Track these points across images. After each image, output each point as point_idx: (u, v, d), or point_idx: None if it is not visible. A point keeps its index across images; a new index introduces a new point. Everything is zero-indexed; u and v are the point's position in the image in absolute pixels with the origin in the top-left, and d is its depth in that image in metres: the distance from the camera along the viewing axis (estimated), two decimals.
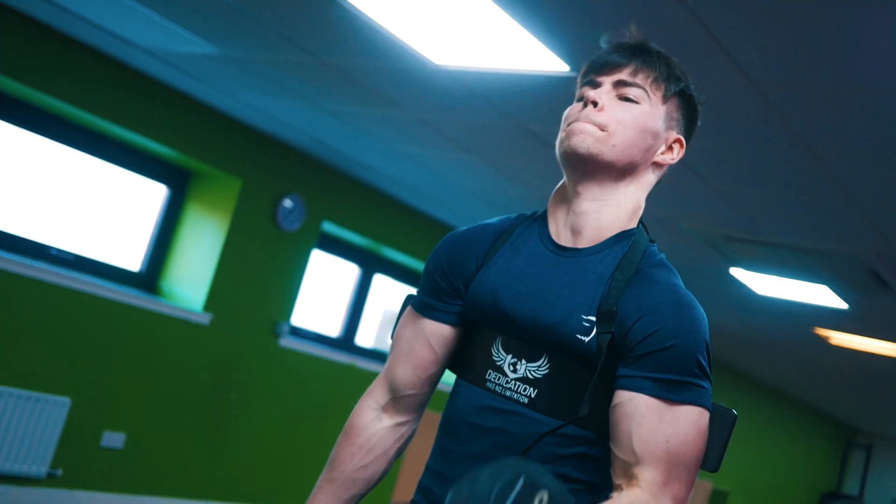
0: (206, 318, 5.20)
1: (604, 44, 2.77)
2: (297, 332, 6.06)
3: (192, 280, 5.26)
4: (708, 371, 1.40)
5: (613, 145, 1.45)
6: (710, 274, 5.91)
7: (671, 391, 1.36)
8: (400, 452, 1.64)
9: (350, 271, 6.56)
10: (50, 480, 4.54)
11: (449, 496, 1.19)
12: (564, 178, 1.54)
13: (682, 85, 1.53)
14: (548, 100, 3.45)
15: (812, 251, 4.67)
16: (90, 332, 4.68)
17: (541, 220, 1.59)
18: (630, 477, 1.35)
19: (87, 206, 5.02)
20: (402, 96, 3.93)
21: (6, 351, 4.38)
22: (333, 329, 6.47)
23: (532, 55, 3.05)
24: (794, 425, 13.00)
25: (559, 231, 1.53)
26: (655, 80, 1.49)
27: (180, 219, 5.39)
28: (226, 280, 5.28)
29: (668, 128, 1.53)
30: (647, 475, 1.33)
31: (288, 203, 5.55)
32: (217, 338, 5.30)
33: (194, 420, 5.27)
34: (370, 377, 6.66)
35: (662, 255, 1.52)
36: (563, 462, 1.42)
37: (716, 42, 2.63)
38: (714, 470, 1.43)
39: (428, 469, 1.58)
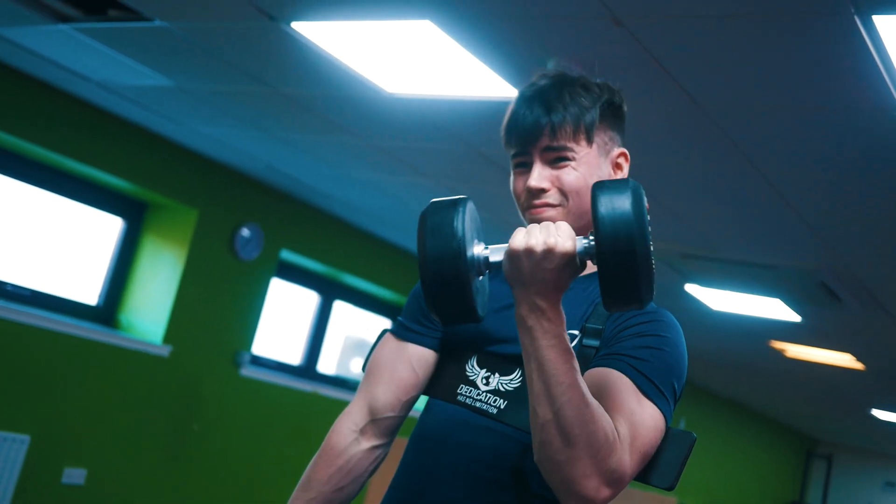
0: (165, 350, 5.18)
1: (550, 66, 2.82)
2: (258, 361, 6.05)
3: (150, 312, 5.23)
4: (676, 397, 1.44)
5: (573, 213, 1.50)
6: (666, 291, 5.98)
7: (643, 383, 1.38)
8: (370, 476, 1.65)
9: (310, 299, 6.56)
10: None
11: None
12: None
13: (599, 108, 1.55)
14: (498, 124, 3.49)
15: (764, 266, 4.76)
16: (48, 367, 4.64)
17: None
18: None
19: (43, 240, 4.98)
20: (357, 124, 3.97)
21: None
22: (295, 357, 6.46)
23: (482, 81, 3.10)
24: (756, 438, 13.13)
25: None
26: (575, 132, 1.52)
27: (137, 251, 5.37)
28: (185, 311, 5.26)
29: (607, 153, 1.57)
30: (619, 423, 1.33)
31: (245, 232, 5.56)
32: (177, 369, 5.28)
33: (156, 453, 5.23)
34: (333, 404, 6.67)
35: None
36: (533, 475, 1.43)
37: (658, 64, 2.70)
38: (670, 488, 1.43)
39: (392, 487, 1.59)
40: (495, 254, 1.32)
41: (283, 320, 6.34)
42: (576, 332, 1.46)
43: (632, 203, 1.21)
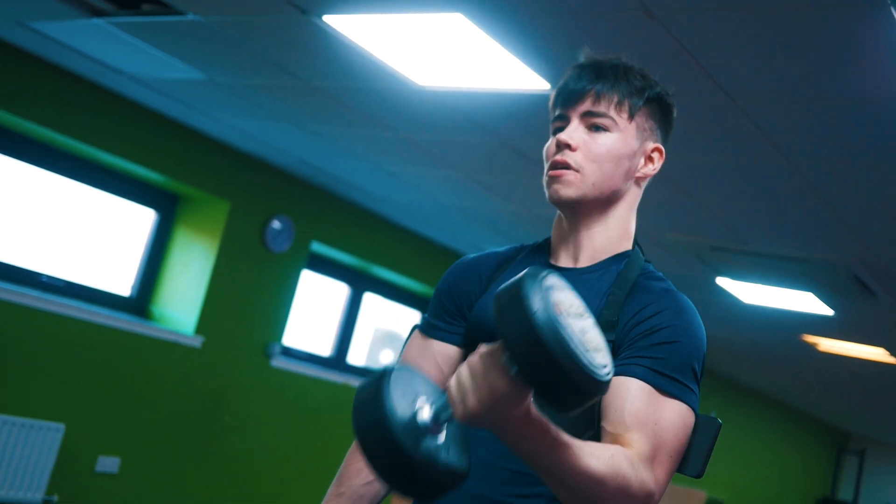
0: (197, 341, 5.22)
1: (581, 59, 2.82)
2: (289, 353, 6.09)
3: (182, 303, 5.28)
4: (698, 378, 1.44)
5: (592, 184, 1.52)
6: (697, 284, 5.96)
7: (664, 383, 1.39)
8: None
9: (340, 290, 6.59)
10: None
11: None
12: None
13: (647, 94, 1.56)
14: (530, 117, 3.50)
15: (796, 259, 4.73)
16: (82, 357, 4.70)
17: (544, 247, 1.65)
18: (618, 441, 1.36)
19: (77, 232, 5.04)
20: (388, 117, 3.98)
21: None
22: (325, 348, 6.49)
23: (513, 74, 3.10)
24: (787, 432, 13.04)
25: (559, 256, 1.60)
26: (619, 103, 1.53)
27: (169, 243, 5.42)
28: (216, 302, 5.30)
29: (643, 140, 1.57)
30: (637, 442, 1.35)
31: (276, 224, 5.59)
32: (209, 360, 5.33)
33: (188, 442, 5.28)
34: None
35: (660, 273, 1.58)
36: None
37: (692, 57, 2.68)
38: (699, 475, 1.46)
39: None
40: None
41: (313, 312, 6.37)
42: None
43: (531, 306, 1.05)
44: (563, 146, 1.52)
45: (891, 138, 2.99)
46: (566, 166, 1.52)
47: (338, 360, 6.52)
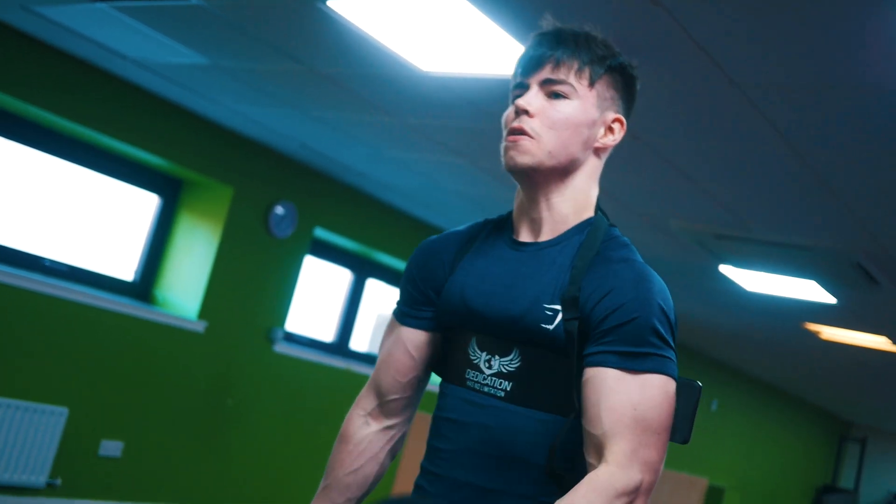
0: (200, 326, 5.23)
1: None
2: (292, 338, 6.10)
3: (186, 288, 5.29)
4: (670, 341, 1.43)
5: (549, 151, 1.49)
6: (700, 271, 5.96)
7: (635, 362, 1.39)
8: (394, 453, 1.69)
9: (343, 276, 6.60)
10: (49, 490, 4.57)
11: None
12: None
13: (609, 63, 1.53)
14: None
15: (799, 247, 4.72)
16: (86, 342, 4.71)
17: (506, 223, 1.64)
18: (600, 454, 1.39)
19: (80, 216, 5.05)
20: (391, 103, 3.97)
21: (3, 362, 4.41)
22: (327, 334, 6.51)
23: (516, 59, 3.08)
24: (789, 420, 13.06)
25: (521, 231, 1.58)
26: (579, 70, 1.50)
27: (173, 228, 5.42)
28: (220, 287, 5.31)
29: (604, 110, 1.54)
30: (616, 448, 1.37)
31: (279, 210, 5.59)
32: (212, 345, 5.34)
33: (191, 427, 5.30)
34: (364, 381, 6.65)
35: (625, 238, 1.55)
36: (546, 451, 1.47)
37: (696, 44, 2.68)
38: (685, 441, 1.48)
39: (422, 468, 1.62)
40: None
41: (316, 297, 6.38)
42: (557, 308, 1.45)
43: None
44: (520, 112, 1.50)
45: (895, 126, 2.98)
46: (523, 132, 1.49)
47: (340, 345, 6.54)
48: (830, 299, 5.74)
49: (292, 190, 5.67)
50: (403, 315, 1.66)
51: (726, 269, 5.67)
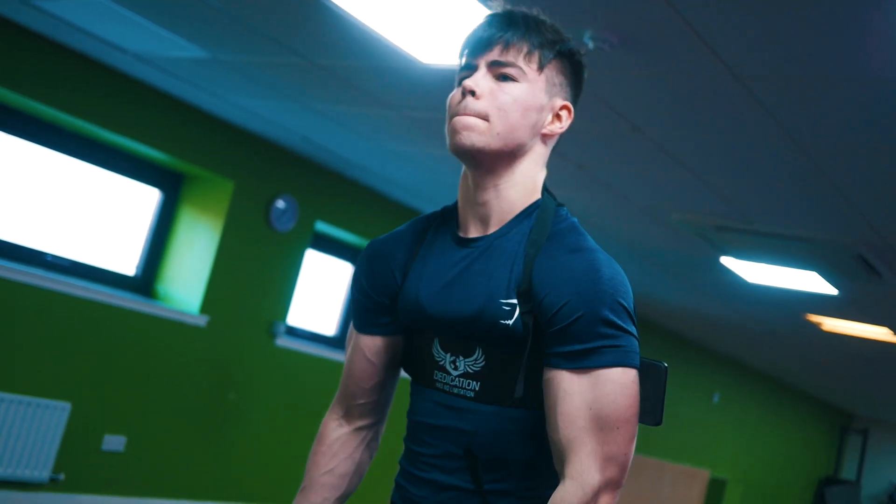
0: (202, 320, 5.24)
1: (587, 40, 2.81)
2: (293, 332, 6.10)
3: (187, 282, 5.29)
4: (626, 327, 1.39)
5: (497, 133, 1.45)
6: (701, 263, 5.96)
7: (586, 360, 1.37)
8: (371, 452, 1.70)
9: (344, 270, 6.60)
10: (52, 485, 4.58)
11: None
12: (464, 168, 1.55)
13: (558, 48, 1.50)
14: None
15: (800, 239, 4.72)
16: (88, 336, 4.72)
17: (451, 216, 1.60)
18: (562, 464, 1.38)
19: (82, 211, 5.05)
20: (392, 95, 3.97)
21: (6, 358, 4.42)
22: (329, 328, 6.51)
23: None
24: (791, 412, 13.07)
25: (468, 223, 1.54)
26: (528, 53, 1.47)
27: (174, 222, 5.42)
28: (221, 282, 5.32)
29: (552, 96, 1.50)
30: (573, 458, 1.36)
31: (281, 203, 5.59)
32: (214, 339, 5.34)
33: (193, 421, 5.31)
34: None
35: (574, 219, 1.52)
36: (519, 448, 1.48)
37: (696, 35, 2.67)
38: (657, 423, 1.45)
39: (401, 467, 1.63)
40: None
41: (317, 291, 6.38)
42: (514, 302, 1.43)
43: None
44: (467, 93, 1.46)
45: None
46: (470, 114, 1.45)
47: (342, 339, 6.54)
48: (832, 290, 5.74)
49: (293, 184, 5.67)
50: (360, 324, 1.63)
51: (727, 261, 5.67)
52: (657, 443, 9.67)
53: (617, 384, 1.37)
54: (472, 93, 1.45)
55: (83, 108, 4.56)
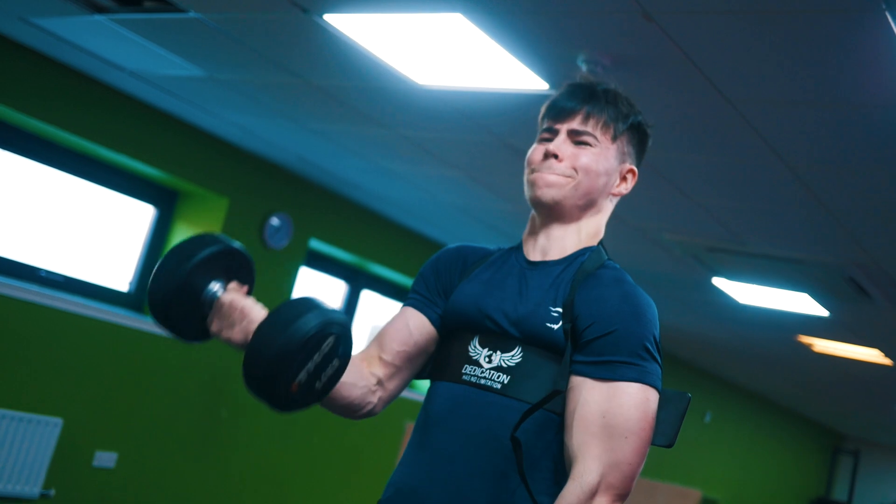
0: None
1: (580, 63, 2.85)
2: None
3: None
4: (654, 354, 1.55)
5: (574, 188, 1.67)
6: (693, 284, 5.98)
7: (609, 370, 1.51)
8: (369, 398, 1.73)
9: (338, 288, 6.61)
10: (43, 501, 4.57)
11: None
12: (533, 212, 1.75)
13: (631, 120, 1.73)
14: (528, 117, 3.49)
15: (792, 260, 4.75)
16: (81, 352, 4.72)
17: (517, 247, 1.79)
18: (571, 469, 1.49)
19: (76, 227, 5.06)
20: (387, 116, 4.00)
21: None
22: None
23: (512, 74, 3.12)
24: (782, 432, 13.07)
25: (531, 252, 1.74)
26: (605, 124, 1.69)
27: (168, 238, 5.43)
28: None
29: (621, 162, 1.73)
30: (581, 461, 1.48)
31: (275, 221, 5.61)
32: (207, 356, 5.34)
33: (185, 438, 5.30)
34: None
35: (617, 265, 1.71)
36: (539, 441, 1.56)
37: (688, 59, 2.71)
38: (669, 445, 1.58)
39: (403, 464, 1.67)
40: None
41: None
42: (559, 310, 1.59)
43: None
44: (550, 155, 1.67)
45: (886, 142, 3.01)
46: (553, 173, 1.66)
47: None
48: (823, 312, 5.77)
49: (288, 201, 5.69)
50: (412, 299, 1.78)
51: (719, 282, 5.70)
52: (649, 462, 9.61)
53: (633, 398, 1.50)
54: (555, 156, 1.67)
55: (79, 124, 4.58)
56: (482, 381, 1.60)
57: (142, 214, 5.34)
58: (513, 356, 1.60)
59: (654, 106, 3.17)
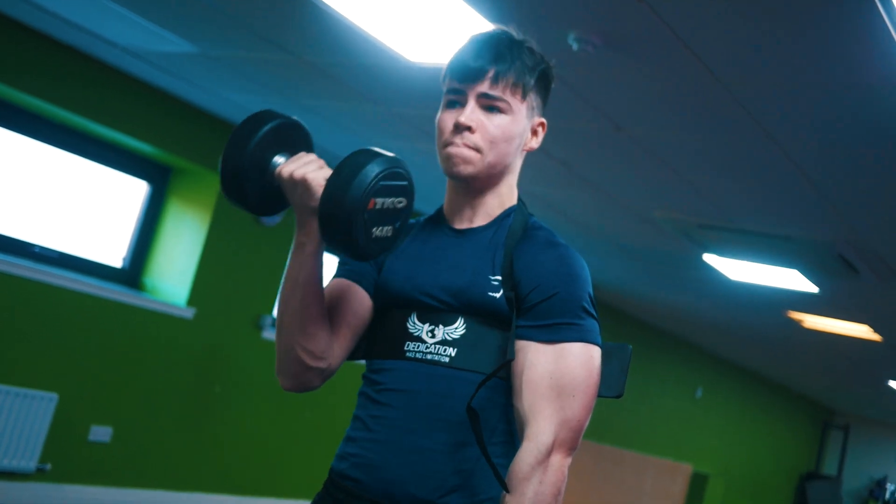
0: (189, 313, 5.27)
1: (571, 41, 2.86)
2: None
3: (175, 275, 5.32)
4: (591, 312, 1.58)
5: (489, 163, 1.63)
6: (684, 261, 6.02)
7: (554, 333, 1.54)
8: (322, 367, 1.66)
9: (331, 264, 6.62)
10: (39, 475, 4.61)
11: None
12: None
13: (538, 72, 1.66)
14: None
15: (781, 237, 4.79)
16: (75, 328, 4.75)
17: (439, 216, 1.77)
18: (523, 431, 1.52)
19: (70, 203, 5.07)
20: (378, 92, 4.01)
21: None
22: None
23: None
24: (773, 408, 13.17)
25: (456, 221, 1.72)
26: (514, 84, 1.62)
27: (162, 215, 5.45)
28: (208, 274, 5.35)
29: (532, 117, 1.68)
30: (532, 423, 1.51)
31: None
32: (201, 331, 5.37)
33: (180, 413, 5.34)
34: (352, 368, 6.69)
35: (542, 223, 1.71)
36: (494, 410, 1.58)
37: (678, 39, 2.72)
38: (618, 395, 1.64)
39: (352, 438, 1.64)
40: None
41: None
42: (498, 278, 1.59)
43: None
44: (462, 128, 1.62)
45: (874, 121, 3.04)
46: (465, 146, 1.62)
47: None
48: (813, 288, 5.81)
49: None
50: (347, 270, 1.73)
51: (710, 258, 5.73)
52: (640, 437, 9.75)
53: (578, 357, 1.53)
54: (468, 128, 1.62)
55: (72, 100, 4.58)
56: (429, 357, 1.59)
57: (135, 190, 5.35)
58: (456, 328, 1.59)
59: (644, 85, 3.19)
